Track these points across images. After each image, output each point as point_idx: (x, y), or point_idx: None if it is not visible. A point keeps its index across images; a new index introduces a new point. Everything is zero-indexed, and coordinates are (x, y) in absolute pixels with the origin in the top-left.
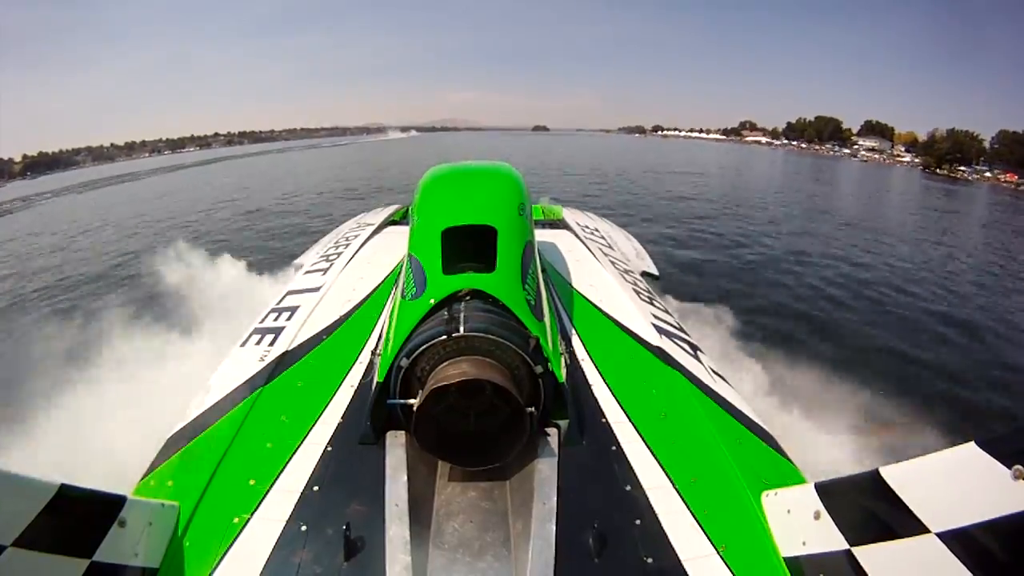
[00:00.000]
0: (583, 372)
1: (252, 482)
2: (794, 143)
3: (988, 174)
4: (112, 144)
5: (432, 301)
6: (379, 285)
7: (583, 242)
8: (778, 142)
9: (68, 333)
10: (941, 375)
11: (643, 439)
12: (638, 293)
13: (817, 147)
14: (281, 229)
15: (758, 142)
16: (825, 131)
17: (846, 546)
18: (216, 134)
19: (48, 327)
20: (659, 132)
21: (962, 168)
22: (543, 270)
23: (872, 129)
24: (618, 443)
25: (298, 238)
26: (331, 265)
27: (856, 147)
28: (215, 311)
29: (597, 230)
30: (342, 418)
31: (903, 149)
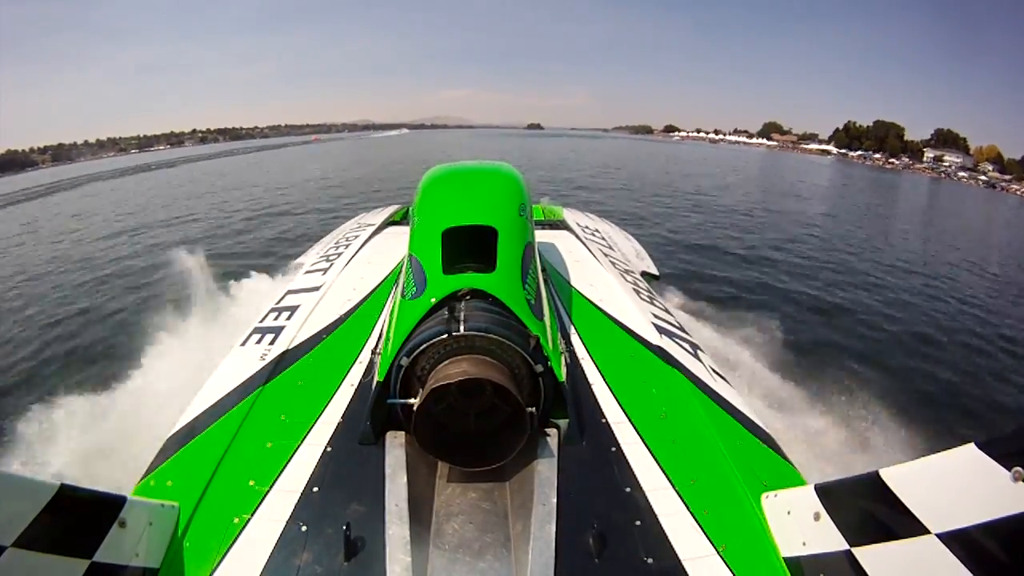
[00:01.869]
0: (583, 371)
1: (252, 482)
2: (877, 156)
3: None
4: (85, 141)
5: (432, 300)
6: (379, 285)
7: (583, 242)
8: (854, 153)
9: None
10: None
11: (643, 440)
12: (638, 293)
13: (920, 166)
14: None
15: (826, 151)
16: (887, 140)
17: (846, 546)
18: (194, 131)
19: None
20: (674, 134)
21: None
22: (543, 270)
23: (944, 140)
24: (618, 444)
25: None
26: (331, 265)
27: (948, 165)
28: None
29: (597, 231)
30: (342, 418)
31: (990, 167)
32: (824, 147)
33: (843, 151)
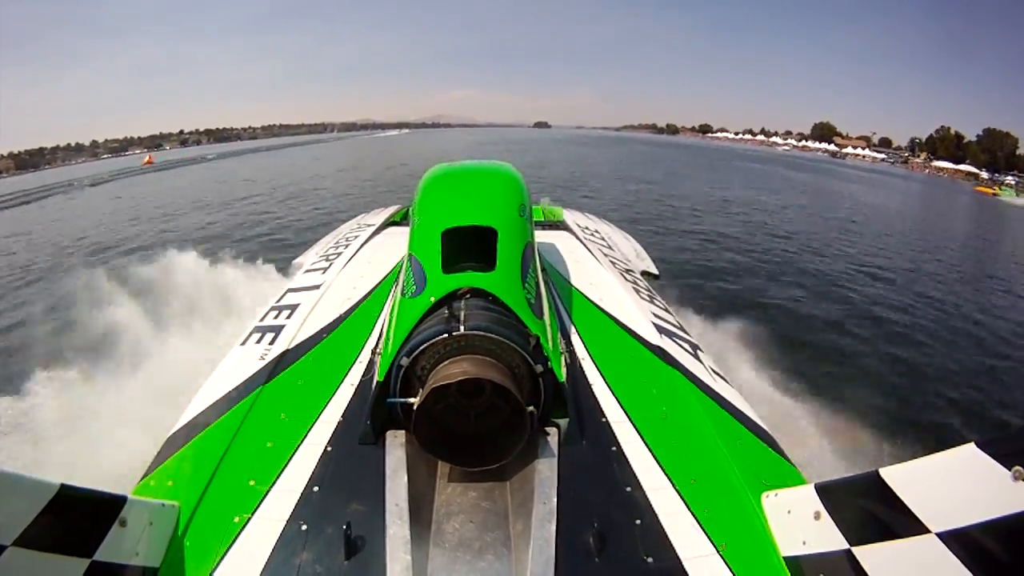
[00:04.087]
0: (583, 371)
1: (252, 482)
2: None
3: None
4: (68, 145)
5: (432, 299)
6: (379, 283)
7: (583, 243)
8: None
9: None
10: None
11: (643, 439)
12: (638, 292)
13: None
14: None
15: (974, 175)
16: (999, 153)
17: (846, 546)
18: (182, 131)
19: None
20: (709, 135)
21: None
22: (543, 270)
23: None
24: (618, 443)
25: None
26: (331, 264)
27: None
28: None
29: (597, 231)
30: (342, 417)
31: None
32: (967, 168)
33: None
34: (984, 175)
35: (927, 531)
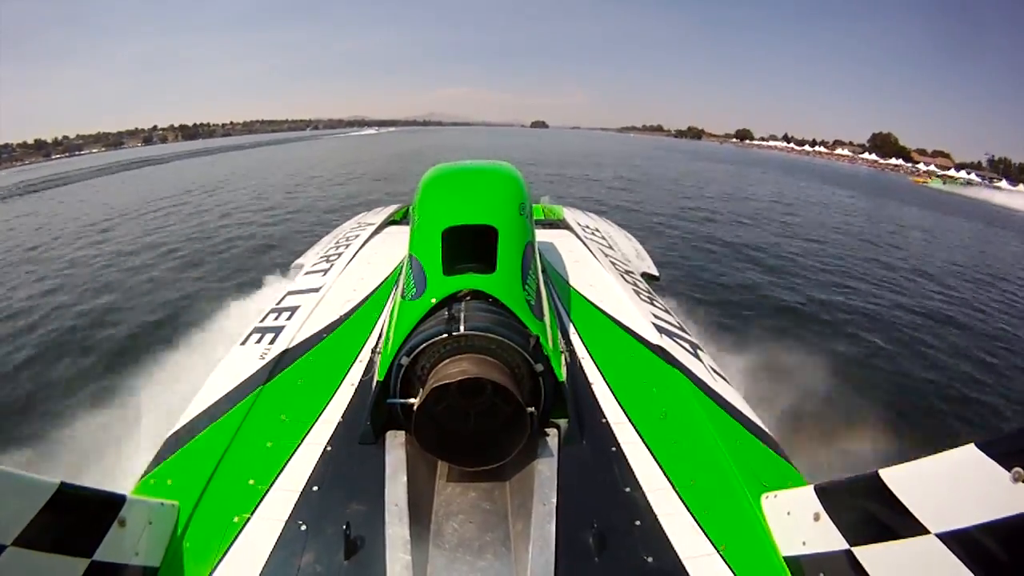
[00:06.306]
0: (583, 371)
1: (252, 481)
2: None
3: None
4: (24, 142)
5: (432, 301)
6: (379, 285)
7: (583, 242)
8: None
9: None
10: None
11: (643, 439)
12: (638, 292)
13: None
14: None
15: None
16: None
17: (846, 546)
18: (156, 127)
19: None
20: (750, 142)
21: None
22: (543, 270)
23: None
24: (618, 443)
25: None
26: (331, 265)
27: None
28: None
29: (597, 230)
30: (342, 417)
31: None
32: None
33: None
34: None
35: (927, 532)
